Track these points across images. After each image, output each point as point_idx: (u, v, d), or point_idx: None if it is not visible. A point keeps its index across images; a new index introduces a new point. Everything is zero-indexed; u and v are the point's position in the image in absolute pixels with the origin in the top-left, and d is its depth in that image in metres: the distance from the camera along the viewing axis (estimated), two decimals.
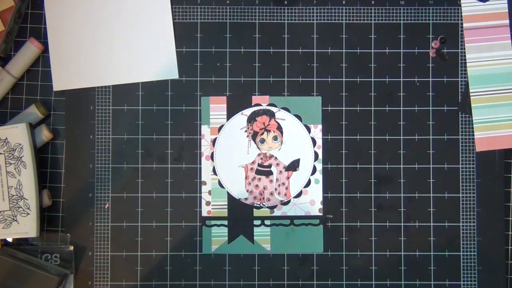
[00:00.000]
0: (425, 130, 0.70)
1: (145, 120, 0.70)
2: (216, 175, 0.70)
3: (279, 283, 0.69)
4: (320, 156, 0.70)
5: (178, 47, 0.71)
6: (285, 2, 0.71)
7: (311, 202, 0.69)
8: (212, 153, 0.70)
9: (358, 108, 0.71)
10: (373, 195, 0.70)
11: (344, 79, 0.71)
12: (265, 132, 0.70)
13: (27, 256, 0.68)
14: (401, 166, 0.70)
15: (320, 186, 0.69)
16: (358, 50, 0.71)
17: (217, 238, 0.69)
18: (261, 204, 0.69)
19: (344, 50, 0.71)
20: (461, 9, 0.71)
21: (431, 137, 0.70)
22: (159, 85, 0.71)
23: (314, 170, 0.69)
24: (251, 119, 0.70)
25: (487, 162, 0.70)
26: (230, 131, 0.70)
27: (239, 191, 0.69)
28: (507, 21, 0.70)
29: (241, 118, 0.70)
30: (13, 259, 0.66)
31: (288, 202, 0.69)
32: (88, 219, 0.69)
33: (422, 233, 0.70)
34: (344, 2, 0.71)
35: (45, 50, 0.70)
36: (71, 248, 0.69)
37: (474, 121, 0.70)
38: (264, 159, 0.70)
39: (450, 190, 0.70)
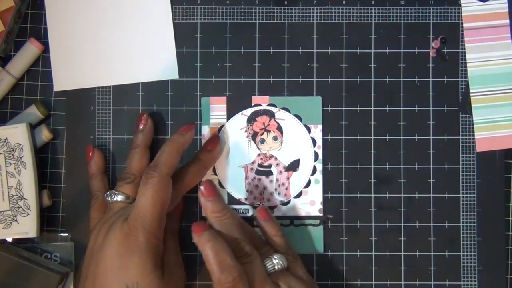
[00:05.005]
0: (425, 130, 0.70)
1: None
2: (216, 175, 0.69)
3: None
4: (320, 156, 0.70)
5: (178, 47, 0.70)
6: (285, 2, 0.71)
7: (311, 202, 0.69)
8: None
9: (358, 108, 0.70)
10: (373, 195, 0.70)
11: (344, 79, 0.71)
12: (265, 132, 0.70)
13: (28, 253, 0.68)
14: (401, 166, 0.70)
15: (320, 186, 0.69)
16: (358, 50, 0.71)
17: None
18: (261, 204, 0.69)
19: (344, 50, 0.71)
20: (461, 9, 0.71)
21: (431, 137, 0.70)
22: (159, 85, 0.70)
23: (314, 170, 0.69)
24: (251, 119, 0.70)
25: (487, 162, 0.70)
26: (230, 131, 0.70)
27: (239, 191, 0.69)
28: (507, 21, 0.70)
29: (241, 118, 0.70)
30: (15, 256, 0.66)
31: (288, 202, 0.69)
32: (88, 219, 0.69)
33: (422, 233, 0.70)
34: (344, 2, 0.71)
35: (45, 50, 0.70)
36: (71, 247, 0.69)
37: (474, 121, 0.70)
38: (264, 159, 0.69)
39: (450, 190, 0.70)
